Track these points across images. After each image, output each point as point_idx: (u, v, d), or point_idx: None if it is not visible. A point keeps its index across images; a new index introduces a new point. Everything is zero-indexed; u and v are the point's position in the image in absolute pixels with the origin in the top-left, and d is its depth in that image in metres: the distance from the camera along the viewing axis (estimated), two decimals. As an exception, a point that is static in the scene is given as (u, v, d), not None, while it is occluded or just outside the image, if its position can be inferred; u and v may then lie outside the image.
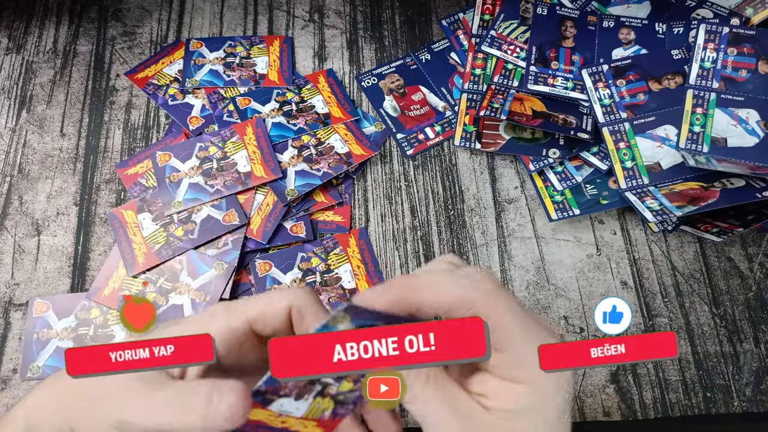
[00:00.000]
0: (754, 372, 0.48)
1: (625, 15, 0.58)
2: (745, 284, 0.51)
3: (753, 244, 0.53)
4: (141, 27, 0.61)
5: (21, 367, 0.46)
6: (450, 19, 0.62)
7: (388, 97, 0.58)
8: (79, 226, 0.51)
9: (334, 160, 0.53)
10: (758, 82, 0.51)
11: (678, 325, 0.49)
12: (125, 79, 0.58)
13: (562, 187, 0.53)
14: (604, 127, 0.53)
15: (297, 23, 0.62)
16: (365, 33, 0.62)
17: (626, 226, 0.53)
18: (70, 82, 0.58)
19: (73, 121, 0.56)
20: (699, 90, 0.51)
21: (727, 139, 0.49)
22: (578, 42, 0.57)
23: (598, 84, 0.54)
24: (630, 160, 0.51)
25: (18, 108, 0.56)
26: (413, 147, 0.56)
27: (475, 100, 0.57)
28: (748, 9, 0.55)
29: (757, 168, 0.47)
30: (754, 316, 0.50)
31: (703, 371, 0.48)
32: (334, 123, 0.56)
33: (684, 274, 0.51)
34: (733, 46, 0.52)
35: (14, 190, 0.53)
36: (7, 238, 0.51)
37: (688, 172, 0.51)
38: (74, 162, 0.54)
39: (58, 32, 0.60)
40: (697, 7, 0.57)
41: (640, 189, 0.51)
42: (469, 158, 0.56)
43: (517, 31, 0.59)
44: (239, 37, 0.61)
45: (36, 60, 0.59)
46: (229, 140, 0.54)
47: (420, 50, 0.61)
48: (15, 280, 0.49)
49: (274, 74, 0.58)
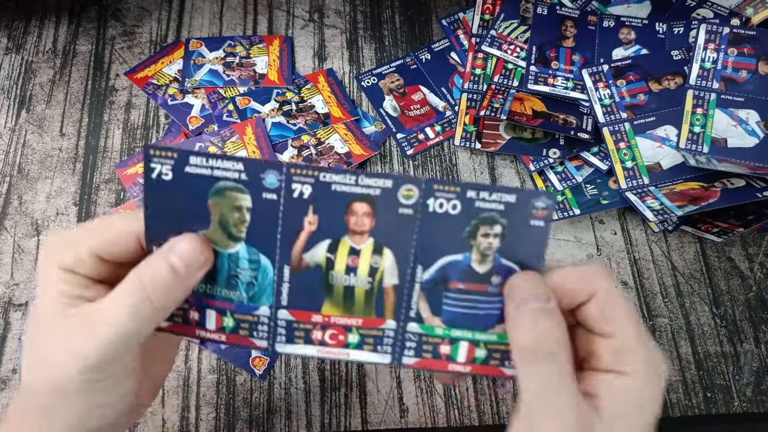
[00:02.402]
0: (755, 372, 0.48)
1: (626, 15, 0.58)
2: (746, 284, 0.51)
3: (753, 244, 0.53)
4: (141, 27, 0.61)
5: (20, 368, 0.46)
6: (450, 19, 0.62)
7: (388, 97, 0.58)
8: (79, 226, 0.51)
9: (334, 160, 0.53)
10: (758, 82, 0.51)
11: (678, 326, 0.49)
12: (125, 79, 0.58)
13: (562, 187, 0.53)
14: (604, 127, 0.52)
15: (297, 23, 0.62)
16: (365, 33, 0.62)
17: (626, 226, 0.53)
18: (70, 82, 0.58)
19: (72, 120, 0.56)
20: (699, 90, 0.51)
21: (728, 140, 0.49)
22: (578, 42, 0.57)
23: (599, 84, 0.54)
24: (630, 160, 0.51)
25: (17, 108, 0.56)
26: (413, 147, 0.56)
27: (475, 100, 0.57)
28: (749, 9, 0.55)
29: (757, 168, 0.47)
30: (754, 317, 0.50)
31: (704, 371, 0.48)
32: (333, 123, 0.56)
33: (684, 275, 0.51)
34: (734, 46, 0.52)
35: (14, 190, 0.53)
36: (7, 238, 0.51)
37: (688, 172, 0.51)
38: (74, 162, 0.54)
39: (57, 32, 0.60)
40: (697, 7, 0.57)
41: (641, 189, 0.50)
42: (469, 158, 0.56)
43: (517, 30, 0.59)
44: (239, 37, 0.60)
45: (35, 60, 0.59)
46: (229, 140, 0.54)
47: (420, 50, 0.61)
48: (14, 281, 0.49)
49: (274, 74, 0.58)
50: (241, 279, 0.28)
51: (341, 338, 0.28)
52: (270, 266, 0.28)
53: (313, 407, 0.45)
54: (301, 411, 0.45)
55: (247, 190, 0.26)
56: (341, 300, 0.28)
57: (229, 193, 0.26)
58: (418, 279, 0.27)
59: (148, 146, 0.26)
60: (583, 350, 0.27)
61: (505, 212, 0.26)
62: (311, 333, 0.28)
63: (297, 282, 0.28)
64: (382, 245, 0.27)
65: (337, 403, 0.46)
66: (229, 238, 0.27)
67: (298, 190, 0.26)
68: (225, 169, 0.26)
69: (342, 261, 0.27)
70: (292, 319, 0.28)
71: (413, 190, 0.26)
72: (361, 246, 0.27)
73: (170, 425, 0.44)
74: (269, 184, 0.26)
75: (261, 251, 0.27)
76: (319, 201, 0.26)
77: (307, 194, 0.26)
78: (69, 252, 0.27)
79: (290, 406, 0.45)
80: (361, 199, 0.26)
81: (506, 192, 0.26)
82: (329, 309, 0.28)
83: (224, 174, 0.26)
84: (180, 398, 0.45)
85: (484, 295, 0.27)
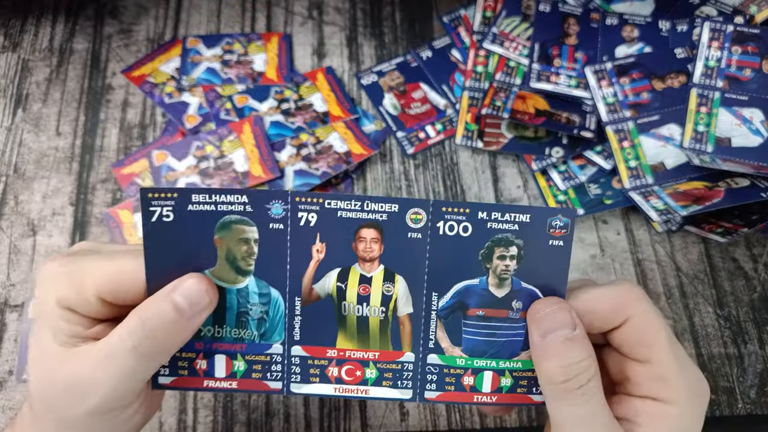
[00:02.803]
0: (759, 374, 0.47)
1: (629, 12, 0.57)
2: (750, 285, 0.50)
3: (758, 244, 0.52)
4: (138, 24, 0.60)
5: (17, 369, 0.45)
6: (451, 16, 0.61)
7: (388, 95, 0.58)
8: (75, 226, 0.51)
9: (333, 159, 0.53)
10: (762, 81, 0.50)
11: (682, 327, 0.49)
12: (121, 77, 0.57)
13: (565, 187, 0.53)
14: (607, 126, 0.52)
15: (295, 20, 0.61)
16: (365, 30, 0.61)
17: (630, 227, 0.53)
18: (66, 81, 0.57)
19: (69, 119, 0.55)
20: (703, 89, 0.50)
21: (731, 139, 0.49)
22: (581, 39, 0.56)
23: (602, 82, 0.53)
24: (634, 159, 0.51)
25: (14, 107, 0.56)
26: (414, 145, 0.55)
27: (476, 98, 0.56)
28: (752, 7, 0.54)
29: (761, 168, 0.47)
30: (758, 318, 0.49)
31: (708, 373, 0.47)
32: (333, 121, 0.55)
33: (688, 275, 0.51)
34: (738, 44, 0.51)
35: (10, 190, 0.52)
36: (3, 238, 0.50)
37: (692, 172, 0.50)
38: (70, 161, 0.53)
39: (54, 30, 0.59)
40: (701, 5, 0.56)
41: (645, 189, 0.50)
42: (470, 157, 0.55)
43: (519, 28, 0.58)
44: (237, 35, 0.60)
45: (32, 58, 0.58)
46: (227, 139, 0.53)
47: (421, 47, 0.60)
48: (11, 281, 0.49)
49: (273, 72, 0.58)
50: (251, 315, 0.27)
51: (358, 374, 0.28)
52: (281, 299, 0.27)
53: (312, 410, 0.45)
54: (299, 414, 0.45)
55: (254, 221, 0.26)
56: (355, 332, 0.27)
57: (236, 226, 0.26)
58: (434, 306, 0.27)
59: (144, 189, 0.25)
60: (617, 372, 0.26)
61: (520, 232, 0.25)
62: (327, 369, 0.28)
63: (309, 314, 0.27)
64: (394, 272, 0.27)
65: (337, 407, 0.45)
66: (237, 272, 0.27)
67: (305, 218, 0.26)
68: (229, 203, 0.26)
69: (353, 290, 0.27)
70: (306, 356, 0.28)
71: (421, 214, 0.26)
72: (371, 273, 0.27)
73: (167, 428, 0.44)
74: (275, 214, 0.26)
75: (271, 284, 0.27)
76: (326, 228, 0.26)
77: (314, 222, 0.26)
78: (72, 291, 0.26)
79: (288, 409, 0.45)
80: (369, 225, 0.26)
81: (520, 211, 0.25)
82: (344, 342, 0.28)
83: (229, 208, 0.26)
84: (177, 401, 0.45)
85: (506, 321, 0.27)
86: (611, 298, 0.25)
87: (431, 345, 0.27)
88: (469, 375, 0.27)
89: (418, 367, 0.28)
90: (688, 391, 0.24)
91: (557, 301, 0.25)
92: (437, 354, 0.27)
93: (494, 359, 0.27)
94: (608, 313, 0.25)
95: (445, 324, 0.27)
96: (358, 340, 0.27)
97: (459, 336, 0.27)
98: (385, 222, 0.26)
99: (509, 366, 0.27)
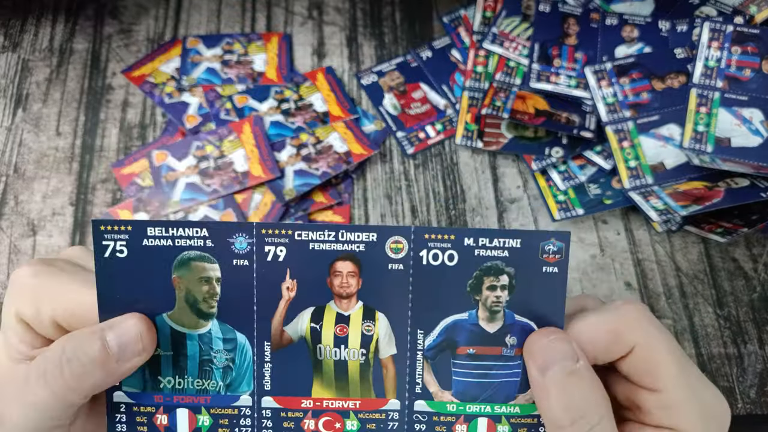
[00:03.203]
0: (759, 374, 0.47)
1: (629, 12, 0.57)
2: (750, 285, 0.50)
3: (757, 244, 0.52)
4: (138, 24, 0.60)
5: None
6: (451, 16, 0.61)
7: (388, 95, 0.58)
8: (75, 226, 0.51)
9: (333, 159, 0.53)
10: (762, 81, 0.50)
11: (682, 327, 0.49)
12: (121, 77, 0.57)
13: (565, 187, 0.53)
14: (607, 126, 0.52)
15: (295, 20, 0.61)
16: (365, 30, 0.61)
17: (630, 227, 0.53)
18: (66, 81, 0.57)
19: (69, 119, 0.55)
20: (703, 89, 0.50)
21: (731, 139, 0.49)
22: (581, 40, 0.56)
23: (602, 82, 0.53)
24: (634, 159, 0.51)
25: (14, 107, 0.56)
26: (414, 146, 0.55)
27: (476, 98, 0.56)
28: (752, 7, 0.54)
29: (761, 168, 0.47)
30: (758, 318, 0.49)
31: (707, 373, 0.47)
32: (333, 121, 0.55)
33: (688, 275, 0.51)
34: (737, 44, 0.51)
35: (10, 190, 0.52)
36: (3, 238, 0.50)
37: (692, 172, 0.50)
38: (70, 161, 0.53)
39: (54, 30, 0.60)
40: (700, 5, 0.56)
41: (644, 189, 0.50)
42: (470, 157, 0.55)
43: (519, 28, 0.58)
44: (237, 35, 0.60)
45: (32, 58, 0.58)
46: (227, 139, 0.53)
47: (421, 47, 0.60)
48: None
49: (272, 72, 0.58)
50: (215, 364, 0.25)
51: (338, 426, 0.25)
52: (248, 344, 0.25)
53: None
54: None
55: (215, 258, 0.24)
56: (333, 378, 0.25)
57: (195, 263, 0.24)
58: (419, 346, 0.24)
59: (96, 221, 0.23)
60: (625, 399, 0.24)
61: (511, 259, 0.23)
62: (302, 422, 0.25)
63: (280, 361, 0.25)
64: (374, 308, 0.24)
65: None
66: (198, 316, 0.24)
67: (272, 252, 0.23)
68: (187, 237, 0.23)
69: (329, 331, 0.24)
70: (278, 407, 0.25)
71: (402, 243, 0.23)
72: (349, 312, 0.24)
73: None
74: (239, 248, 0.23)
75: (236, 327, 0.24)
76: (297, 263, 0.24)
77: (283, 256, 0.23)
78: (31, 307, 0.24)
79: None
80: (344, 257, 0.24)
81: (509, 236, 0.23)
82: (320, 391, 0.25)
83: (187, 243, 0.23)
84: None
85: (499, 359, 0.24)
86: (611, 327, 0.23)
87: (418, 390, 0.25)
88: (461, 422, 0.25)
89: (405, 415, 0.25)
90: (702, 417, 0.22)
91: (554, 331, 0.23)
92: (425, 400, 0.25)
93: (489, 403, 0.25)
94: (610, 344, 0.23)
95: (432, 365, 0.25)
96: (336, 388, 0.25)
97: (449, 378, 0.25)
98: (362, 253, 0.23)
99: (506, 411, 0.25)
